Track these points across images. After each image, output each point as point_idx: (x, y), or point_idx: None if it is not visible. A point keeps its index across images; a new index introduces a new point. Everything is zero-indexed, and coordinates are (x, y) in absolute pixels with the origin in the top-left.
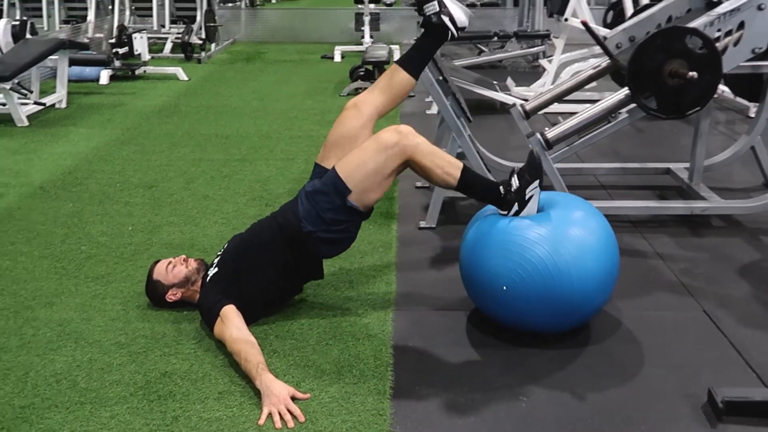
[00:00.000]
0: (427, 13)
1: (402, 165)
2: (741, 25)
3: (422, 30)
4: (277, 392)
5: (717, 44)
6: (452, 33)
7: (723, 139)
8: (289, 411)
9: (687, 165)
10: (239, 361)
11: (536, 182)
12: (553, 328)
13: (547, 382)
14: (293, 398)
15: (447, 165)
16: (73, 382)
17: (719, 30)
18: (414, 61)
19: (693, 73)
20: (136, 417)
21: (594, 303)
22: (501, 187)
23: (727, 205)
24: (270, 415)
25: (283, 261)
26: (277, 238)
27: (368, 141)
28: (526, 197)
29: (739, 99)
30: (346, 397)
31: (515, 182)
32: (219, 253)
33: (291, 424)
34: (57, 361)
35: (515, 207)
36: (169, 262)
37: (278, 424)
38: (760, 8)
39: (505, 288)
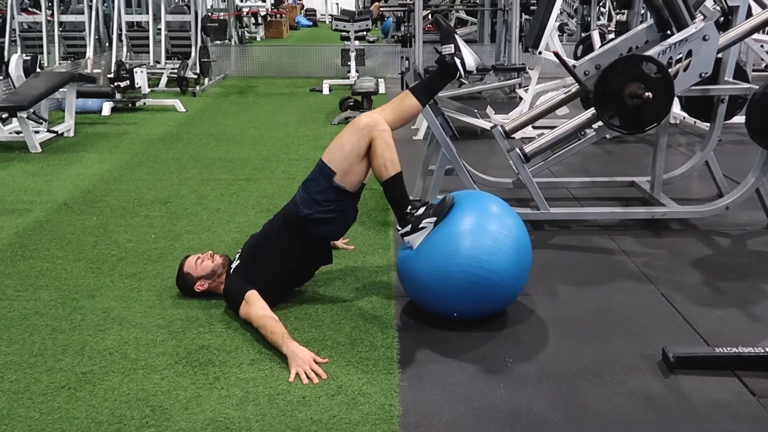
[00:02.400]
0: (444, 53)
1: (370, 145)
2: (689, 53)
3: (436, 65)
4: (302, 355)
5: (669, 69)
6: (460, 73)
7: (684, 158)
8: (313, 371)
9: (649, 178)
10: (265, 334)
11: (434, 219)
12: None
13: (528, 348)
14: (315, 361)
15: (389, 161)
16: (124, 354)
17: (671, 57)
18: (424, 91)
19: (649, 94)
20: (183, 378)
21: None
22: (410, 207)
23: (684, 210)
24: (297, 375)
25: (291, 246)
26: (283, 228)
27: (345, 127)
28: (420, 226)
29: (698, 124)
30: (360, 362)
31: (421, 210)
32: (240, 250)
33: (316, 380)
34: (107, 339)
35: (408, 228)
36: (198, 257)
37: (305, 380)
38: (704, 39)
39: (456, 315)
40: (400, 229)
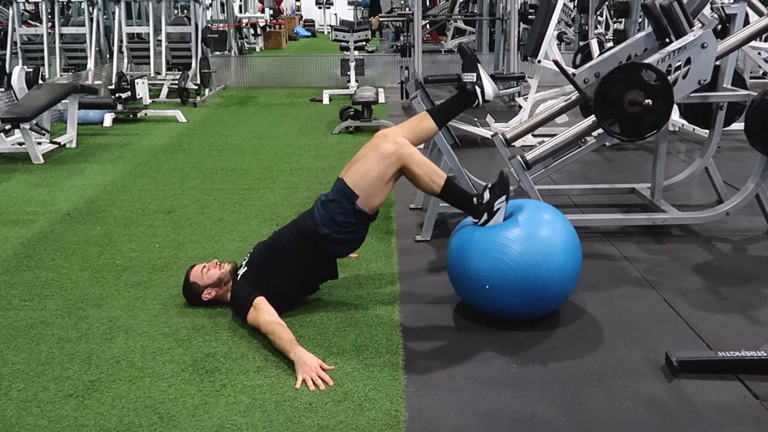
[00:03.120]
0: (465, 80)
1: (399, 171)
2: (688, 61)
3: (457, 90)
4: (309, 361)
5: (669, 77)
6: (479, 101)
7: (683, 165)
8: (320, 377)
9: (650, 185)
10: (273, 340)
11: (503, 197)
12: (528, 314)
13: (533, 354)
14: (321, 368)
15: (433, 174)
16: (130, 362)
17: (670, 65)
18: (442, 115)
19: (648, 101)
20: (189, 386)
21: (563, 291)
22: (475, 199)
23: (685, 216)
24: (304, 381)
25: (303, 259)
26: (298, 240)
27: (370, 153)
28: (495, 209)
29: (698, 130)
30: (365, 368)
31: (486, 196)
32: (246, 257)
33: (322, 387)
34: (114, 348)
35: (485, 216)
36: (204, 266)
37: (312, 387)
38: (703, 46)
39: (487, 287)
40: (477, 221)
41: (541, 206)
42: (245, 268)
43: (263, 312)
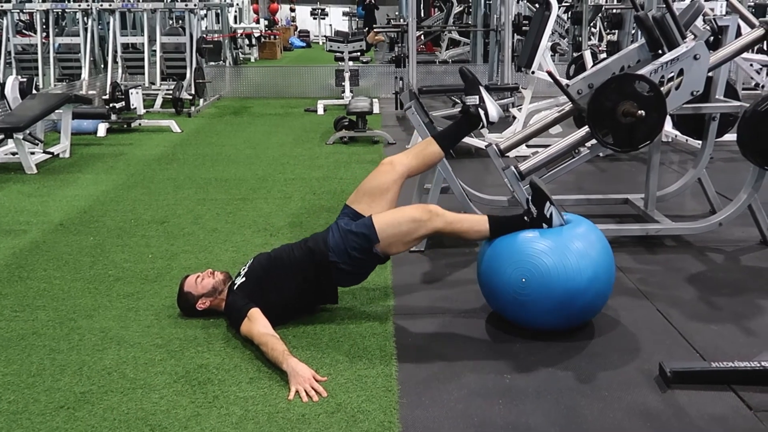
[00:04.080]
0: (468, 103)
1: (429, 234)
2: (681, 72)
3: (460, 114)
4: (302, 372)
5: (662, 88)
6: (483, 123)
7: (677, 175)
8: (313, 388)
9: (643, 195)
10: (266, 351)
11: (547, 203)
12: (559, 326)
13: (527, 365)
14: (315, 379)
15: (475, 224)
16: (122, 374)
17: (663, 76)
18: (447, 139)
19: (641, 112)
20: (182, 397)
21: (595, 304)
22: (526, 218)
23: (678, 227)
24: (297, 392)
25: (305, 278)
26: (305, 259)
27: (408, 208)
28: (548, 215)
29: (690, 141)
30: (359, 379)
31: (533, 209)
32: (243, 267)
33: (316, 398)
34: (105, 359)
35: (545, 226)
36: (198, 276)
37: (305, 398)
38: (695, 58)
39: (524, 280)
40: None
41: (580, 220)
42: (243, 279)
43: (257, 323)
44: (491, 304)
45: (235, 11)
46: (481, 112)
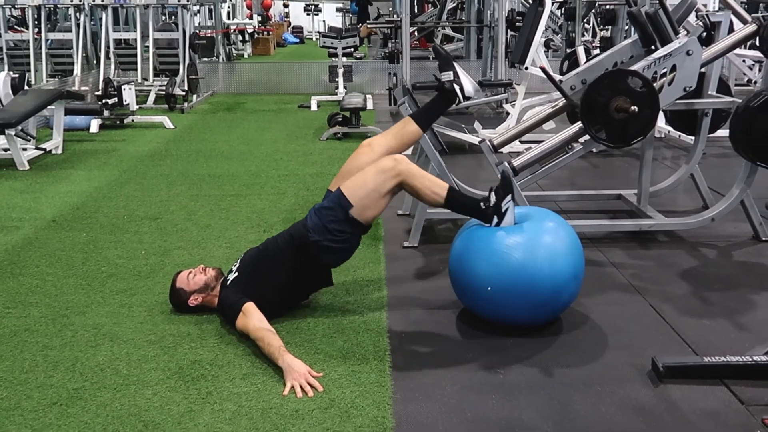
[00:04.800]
0: (443, 80)
1: (397, 186)
2: (674, 68)
3: (436, 91)
4: (298, 368)
5: (655, 84)
6: (459, 99)
7: (669, 171)
8: (308, 384)
9: (636, 191)
10: (262, 346)
11: (509, 196)
12: (529, 320)
13: (520, 360)
14: (310, 375)
15: (435, 186)
16: (115, 370)
17: (656, 72)
18: (424, 118)
19: (634, 108)
20: (175, 393)
21: (563, 298)
22: (482, 203)
23: (671, 222)
24: (292, 388)
25: (292, 266)
26: (289, 247)
27: (369, 166)
28: (503, 210)
29: (683, 137)
30: (353, 375)
31: (492, 198)
32: (235, 262)
33: (311, 394)
34: (98, 355)
35: (495, 219)
36: (190, 272)
37: (300, 394)
38: (688, 54)
39: (489, 288)
40: (490, 225)
41: (547, 213)
42: (236, 274)
43: (252, 318)
44: (461, 299)
45: (228, 7)
46: (457, 88)
